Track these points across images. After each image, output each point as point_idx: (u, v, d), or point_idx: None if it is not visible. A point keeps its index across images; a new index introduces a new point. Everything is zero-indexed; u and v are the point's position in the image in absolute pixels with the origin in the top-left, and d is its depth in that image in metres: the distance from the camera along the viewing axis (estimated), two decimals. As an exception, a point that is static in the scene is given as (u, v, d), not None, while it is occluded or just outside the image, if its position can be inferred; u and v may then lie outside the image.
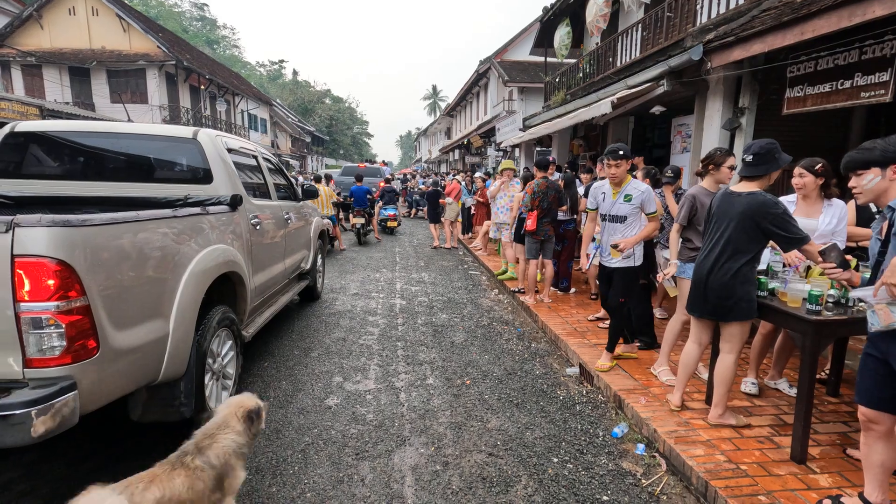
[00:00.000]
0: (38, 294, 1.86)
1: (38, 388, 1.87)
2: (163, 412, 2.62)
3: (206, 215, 3.01)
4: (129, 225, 2.29)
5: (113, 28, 20.92)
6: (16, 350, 1.89)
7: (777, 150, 2.70)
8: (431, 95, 68.84)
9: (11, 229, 1.82)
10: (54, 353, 1.92)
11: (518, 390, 3.74)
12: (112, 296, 2.14)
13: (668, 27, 7.80)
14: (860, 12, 3.66)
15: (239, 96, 29.11)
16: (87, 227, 2.03)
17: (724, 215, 2.81)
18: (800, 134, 5.72)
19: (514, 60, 21.10)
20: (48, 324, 1.89)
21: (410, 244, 11.45)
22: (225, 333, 3.15)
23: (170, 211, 2.67)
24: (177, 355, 2.55)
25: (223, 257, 3.06)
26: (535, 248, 5.76)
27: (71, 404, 1.92)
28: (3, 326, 1.87)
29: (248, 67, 62.88)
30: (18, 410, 1.78)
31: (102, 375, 2.09)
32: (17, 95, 15.86)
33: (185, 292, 2.63)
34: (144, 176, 3.63)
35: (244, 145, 4.27)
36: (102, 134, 3.75)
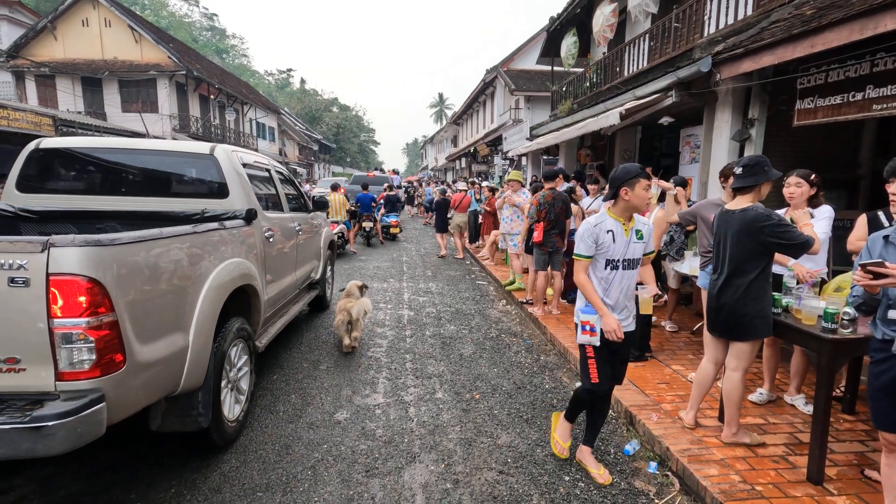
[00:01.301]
0: (70, 310, 1.95)
1: (68, 401, 1.95)
2: (181, 422, 2.68)
3: (223, 230, 3.08)
4: (154, 242, 2.36)
5: (125, 39, 21.27)
6: (48, 364, 1.97)
7: (766, 163, 2.74)
8: (438, 103, 69.18)
9: (47, 249, 1.92)
10: (84, 367, 2.00)
11: (528, 405, 3.72)
12: (137, 310, 2.21)
13: (675, 37, 7.80)
14: (872, 25, 3.64)
15: (248, 105, 29.41)
16: (116, 245, 2.12)
17: (724, 234, 2.83)
18: (810, 145, 5.68)
19: (521, 69, 21.18)
20: (79, 339, 1.97)
21: (418, 253, 11.46)
22: (240, 345, 3.21)
23: (190, 227, 2.73)
24: (196, 367, 2.62)
25: (239, 271, 3.13)
26: (544, 260, 5.75)
27: (99, 416, 2.01)
28: (37, 341, 1.96)
29: (257, 76, 63.54)
30: (51, 422, 1.86)
31: (128, 388, 2.17)
32: (30, 106, 16.12)
33: (204, 305, 2.70)
34: (163, 190, 3.74)
35: (258, 159, 4.37)
36: (122, 150, 3.89)
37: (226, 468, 2.81)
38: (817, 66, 4.63)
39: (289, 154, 37.57)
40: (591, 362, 2.70)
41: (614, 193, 2.62)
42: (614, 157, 10.27)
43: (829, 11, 4.16)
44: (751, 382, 3.75)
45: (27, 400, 1.98)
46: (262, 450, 3.01)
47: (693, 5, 7.42)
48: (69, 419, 1.89)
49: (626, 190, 2.57)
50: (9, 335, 1.95)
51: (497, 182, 17.40)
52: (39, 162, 3.69)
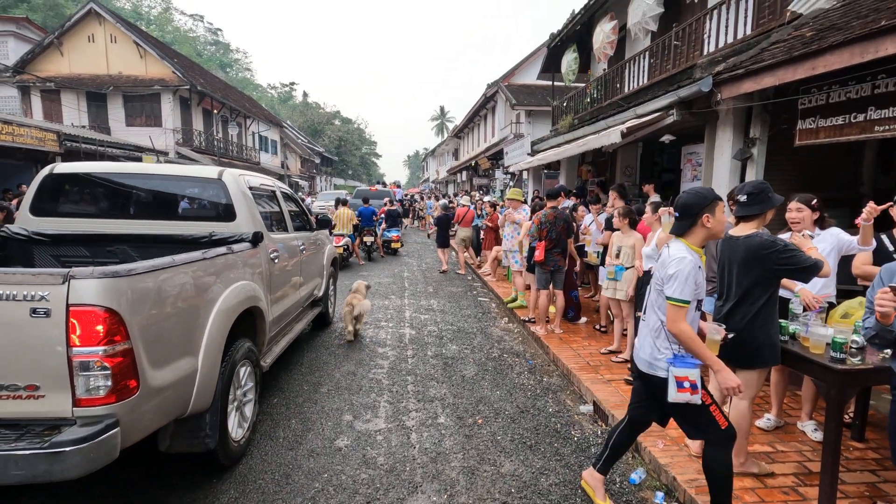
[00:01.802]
0: (88, 339, 2.02)
1: (85, 426, 2.02)
2: (189, 443, 2.71)
3: (231, 254, 3.15)
4: (167, 270, 2.44)
5: (130, 54, 21.50)
6: (66, 390, 2.04)
7: (769, 189, 2.72)
8: (439, 116, 69.68)
9: (68, 281, 2.01)
10: (100, 394, 2.06)
11: (531, 430, 3.66)
12: (150, 337, 2.28)
13: (675, 55, 7.86)
14: (872, 49, 3.66)
15: (250, 118, 29.64)
16: (133, 276, 2.20)
17: (729, 261, 2.80)
18: (812, 165, 5.67)
19: (522, 84, 21.35)
20: (96, 366, 2.04)
21: (419, 268, 11.43)
22: (246, 366, 3.26)
23: (200, 253, 2.79)
24: (204, 390, 2.67)
25: (246, 293, 3.20)
26: (546, 278, 5.73)
27: (114, 441, 2.07)
28: (55, 369, 2.03)
29: (260, 90, 64.14)
30: (68, 448, 1.92)
31: (141, 412, 2.23)
32: (35, 121, 16.25)
33: (213, 329, 2.76)
34: (172, 214, 3.87)
35: (264, 182, 4.47)
36: (133, 175, 4.03)
37: (224, 499, 2.76)
38: (818, 86, 4.65)
39: (291, 167, 37.76)
40: (713, 409, 2.36)
41: (692, 223, 2.38)
42: (615, 172, 10.29)
43: (829, 34, 4.18)
44: (757, 407, 3.69)
45: (45, 425, 2.05)
46: (261, 479, 2.96)
47: (693, 24, 7.49)
48: (85, 444, 1.95)
49: (708, 217, 2.35)
50: (29, 363, 2.03)
51: (498, 196, 17.43)
52: (53, 186, 3.79)
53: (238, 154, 27.24)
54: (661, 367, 2.39)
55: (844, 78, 4.33)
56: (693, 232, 2.40)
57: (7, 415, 2.06)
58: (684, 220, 2.40)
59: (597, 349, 5.22)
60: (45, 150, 13.40)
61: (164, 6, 56.86)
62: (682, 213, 2.41)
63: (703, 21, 7.28)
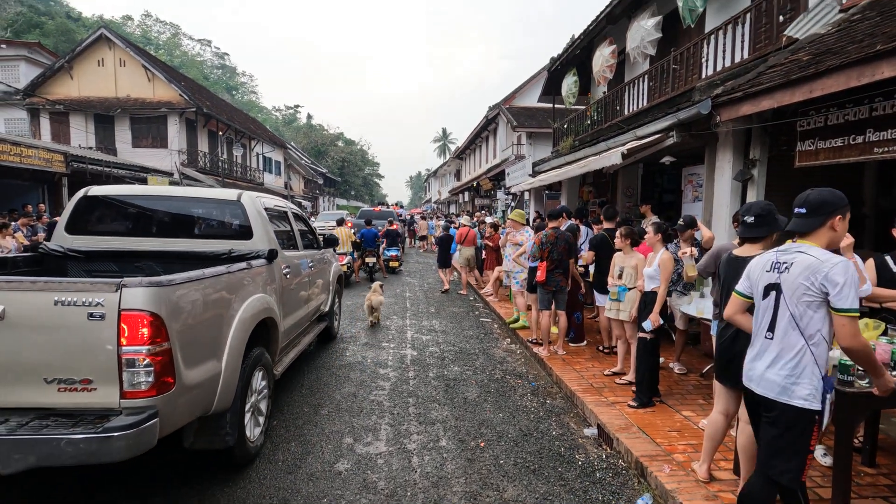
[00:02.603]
0: (135, 339, 2.32)
1: (130, 416, 2.31)
2: (210, 440, 2.96)
3: (250, 269, 3.46)
4: (199, 281, 2.76)
5: (138, 78, 21.94)
6: (115, 384, 2.33)
7: (776, 211, 2.70)
8: (441, 138, 70.52)
9: (120, 289, 2.33)
10: (143, 387, 2.36)
11: (534, 454, 3.60)
12: (185, 340, 2.57)
13: (674, 78, 7.98)
14: (869, 73, 3.70)
15: (255, 140, 30.02)
16: (172, 285, 2.50)
17: (732, 281, 2.73)
18: (813, 185, 5.67)
19: (523, 106, 21.65)
20: (140, 363, 2.33)
21: (421, 289, 11.41)
22: (261, 372, 3.52)
23: (224, 268, 3.12)
24: (226, 390, 2.93)
25: (262, 305, 3.49)
26: (547, 299, 5.70)
27: (154, 430, 2.34)
28: (107, 365, 2.32)
29: (265, 112, 65.15)
30: (116, 433, 2.21)
31: (176, 406, 2.50)
32: (42, 143, 16.49)
33: (235, 336, 3.06)
34: (194, 232, 4.19)
35: (277, 203, 4.86)
36: (158, 197, 4.42)
37: (221, 525, 2.70)
38: (816, 109, 4.69)
39: (294, 187, 38.06)
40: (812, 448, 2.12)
41: (821, 223, 2.11)
42: (616, 193, 10.34)
43: (825, 58, 4.24)
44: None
45: (96, 415, 2.33)
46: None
47: (690, 48, 7.62)
48: (131, 431, 2.24)
49: (839, 220, 2.10)
50: (85, 360, 2.33)
51: (500, 217, 17.50)
52: (86, 207, 4.11)
53: (242, 175, 27.51)
54: (799, 395, 2.07)
55: (842, 101, 4.37)
56: (819, 234, 2.12)
57: (64, 405, 2.35)
58: (813, 218, 2.13)
59: (600, 371, 5.16)
60: (51, 170, 13.57)
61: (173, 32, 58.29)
62: (812, 210, 2.14)
63: (700, 45, 7.42)
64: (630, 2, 9.25)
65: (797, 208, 2.22)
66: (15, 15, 36.14)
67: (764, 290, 2.22)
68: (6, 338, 2.31)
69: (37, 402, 2.35)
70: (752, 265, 2.34)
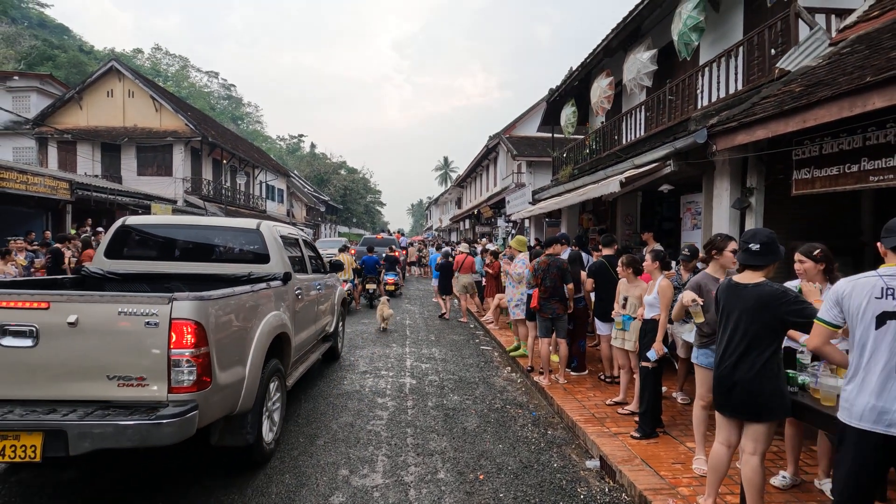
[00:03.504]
0: (181, 344, 2.75)
1: (175, 408, 2.71)
2: (233, 438, 3.34)
3: (269, 289, 3.89)
4: (232, 297, 3.23)
5: (146, 108, 22.43)
6: (164, 381, 2.75)
7: (777, 239, 2.70)
8: (443, 166, 71.41)
9: (171, 302, 2.77)
10: (186, 384, 2.76)
11: (535, 487, 3.50)
12: (220, 346, 2.99)
13: (670, 109, 8.13)
14: (860, 103, 3.77)
15: (259, 168, 30.42)
16: (212, 299, 2.95)
17: (733, 308, 2.71)
18: (811, 214, 5.72)
19: (523, 136, 22.00)
20: (185, 363, 2.75)
21: (421, 316, 11.34)
22: (276, 381, 3.90)
23: (250, 287, 3.58)
24: (249, 393, 3.32)
25: (278, 321, 3.93)
26: (546, 327, 5.64)
27: (194, 420, 2.75)
28: (158, 365, 2.73)
29: (269, 141, 66.23)
30: (165, 421, 2.62)
31: (211, 402, 2.91)
32: (49, 171, 16.72)
33: (256, 346, 3.48)
34: (218, 257, 4.66)
35: (291, 231, 5.38)
36: (186, 226, 4.96)
37: (210, 561, 2.61)
38: (811, 138, 4.76)
39: (296, 215, 38.34)
40: None
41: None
42: (616, 221, 10.39)
43: (817, 89, 4.33)
44: (772, 464, 3.54)
45: (147, 406, 2.72)
46: (250, 539, 2.81)
47: (686, 80, 7.80)
48: (177, 420, 2.64)
49: None
50: (141, 361, 2.75)
51: (501, 244, 17.54)
52: (122, 235, 4.58)
53: (245, 202, 27.77)
54: None
55: (836, 130, 4.44)
56: None
57: (122, 398, 2.75)
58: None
59: (602, 400, 5.07)
60: (56, 198, 13.72)
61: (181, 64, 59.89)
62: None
63: (695, 77, 7.59)
64: (626, 35, 9.52)
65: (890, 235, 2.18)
66: (29, 48, 37.22)
67: (877, 319, 2.07)
68: (78, 341, 2.75)
69: (99, 396, 2.77)
70: (848, 291, 2.16)
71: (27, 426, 2.58)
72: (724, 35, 7.75)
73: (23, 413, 2.65)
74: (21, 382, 2.76)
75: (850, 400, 2.14)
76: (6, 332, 2.73)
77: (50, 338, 2.74)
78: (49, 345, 2.73)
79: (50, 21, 45.95)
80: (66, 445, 2.55)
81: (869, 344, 2.10)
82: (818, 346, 2.30)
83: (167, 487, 3.35)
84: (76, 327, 2.72)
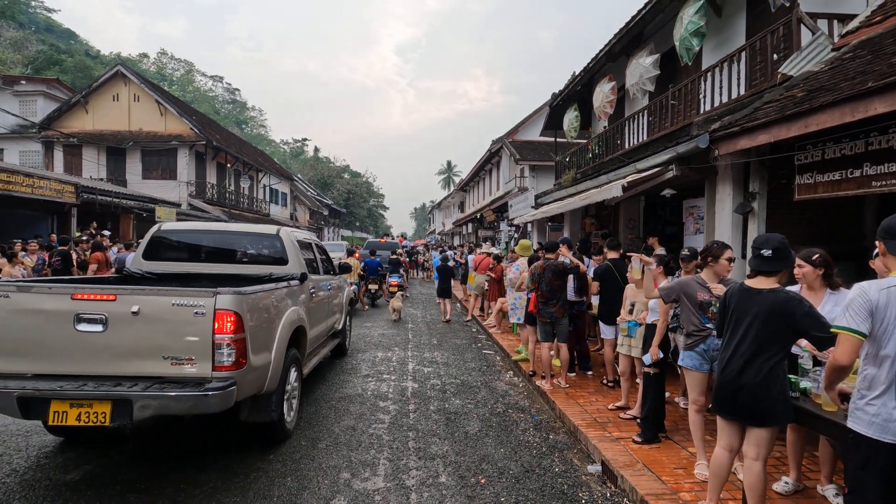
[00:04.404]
0: (223, 330, 3.27)
1: (218, 383, 3.24)
2: (260, 415, 3.87)
3: (289, 287, 4.45)
4: (262, 293, 3.83)
5: (151, 112, 22.58)
6: (209, 360, 3.27)
7: (788, 245, 2.69)
8: (446, 170, 71.48)
9: (215, 296, 3.30)
10: (226, 364, 3.29)
11: (537, 491, 3.49)
12: (253, 333, 3.52)
13: (673, 113, 8.14)
14: (862, 108, 3.77)
15: (262, 172, 30.54)
16: (247, 294, 3.52)
17: (744, 312, 2.69)
18: (814, 218, 5.71)
19: (525, 140, 22.03)
20: (226, 346, 3.28)
21: (423, 320, 11.35)
22: (294, 370, 4.42)
23: (274, 285, 4.15)
24: (274, 376, 3.86)
25: (297, 315, 4.48)
26: (546, 331, 5.64)
27: (233, 394, 3.27)
28: (205, 347, 3.26)
29: (273, 145, 66.50)
30: (211, 393, 3.16)
31: (245, 380, 3.44)
32: (54, 174, 16.82)
33: (280, 336, 4.02)
34: (242, 259, 5.18)
35: (306, 237, 6.05)
36: (213, 232, 5.49)
37: (212, 564, 2.62)
38: (813, 143, 4.76)
39: (300, 218, 38.45)
40: None
41: None
42: (619, 225, 10.38)
43: (819, 94, 4.34)
44: (774, 469, 3.53)
45: (194, 382, 3.26)
46: (252, 542, 2.82)
47: (688, 85, 7.81)
48: (220, 392, 3.18)
49: None
50: (190, 344, 3.27)
51: (504, 248, 17.54)
52: (158, 240, 5.11)
53: (248, 206, 27.87)
54: None
55: (838, 135, 4.43)
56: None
57: (174, 375, 3.27)
58: None
59: (604, 405, 5.06)
60: (62, 201, 13.82)
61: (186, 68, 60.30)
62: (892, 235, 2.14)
63: (698, 82, 7.60)
64: (629, 40, 9.55)
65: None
66: (36, 53, 37.56)
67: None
68: (140, 328, 3.26)
69: (156, 373, 3.28)
70: (883, 302, 2.07)
71: (99, 396, 3.12)
72: (726, 40, 7.77)
73: (95, 386, 3.18)
74: (92, 361, 3.27)
75: (883, 414, 2.04)
76: (81, 320, 3.25)
77: (116, 324, 3.25)
78: (116, 330, 3.26)
79: (57, 26, 46.39)
80: (131, 413, 3.10)
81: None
82: (853, 359, 2.15)
83: (168, 491, 3.36)
84: (138, 316, 3.25)
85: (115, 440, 4.21)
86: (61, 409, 3.13)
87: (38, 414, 3.17)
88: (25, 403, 3.12)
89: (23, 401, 3.11)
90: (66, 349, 3.27)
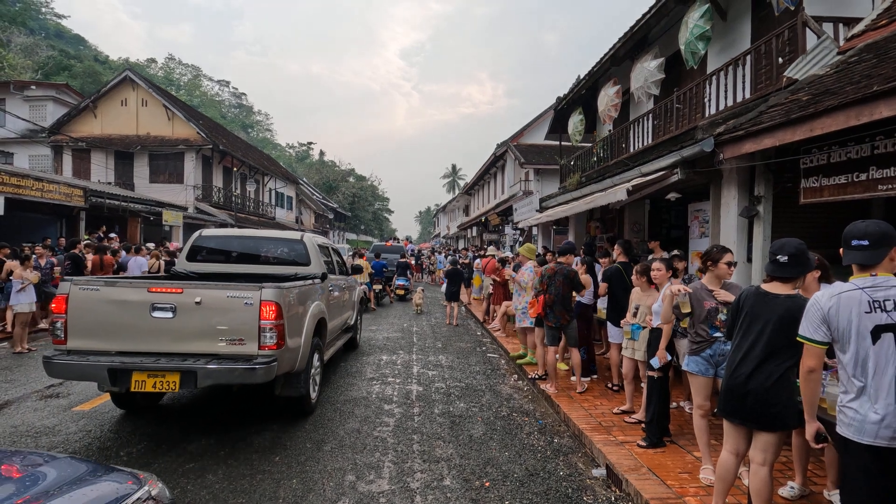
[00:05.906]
0: (267, 317, 3.98)
1: (263, 359, 3.97)
2: (291, 390, 4.60)
3: (313, 284, 5.17)
4: (296, 288, 4.54)
5: (159, 116, 22.81)
6: (255, 341, 3.98)
7: (807, 250, 2.66)
8: (451, 174, 71.52)
9: (261, 289, 4.02)
10: (269, 344, 3.99)
11: (541, 495, 3.49)
12: (289, 320, 4.21)
13: (678, 117, 8.13)
14: (867, 112, 3.77)
15: (268, 176, 30.73)
16: (285, 288, 4.23)
17: (758, 317, 2.67)
18: (820, 222, 5.68)
19: (530, 144, 22.04)
20: (269, 330, 3.99)
21: (428, 323, 11.36)
22: (317, 353, 5.13)
23: (302, 282, 4.88)
24: (303, 358, 4.60)
25: (320, 308, 5.23)
26: (552, 335, 5.64)
27: (274, 369, 3.99)
28: (252, 330, 3.96)
29: (279, 149, 66.86)
30: (258, 367, 3.90)
31: (283, 359, 4.14)
32: (63, 178, 17.02)
33: (308, 324, 4.75)
34: (270, 260, 5.95)
35: (325, 241, 6.90)
36: (247, 237, 6.31)
37: (218, 564, 2.64)
38: (818, 147, 4.74)
39: (305, 222, 38.60)
40: None
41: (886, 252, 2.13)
42: (623, 229, 10.37)
43: (824, 98, 4.33)
44: (780, 474, 3.51)
45: (244, 358, 3.97)
46: (257, 543, 2.84)
47: (693, 88, 7.81)
48: (265, 366, 3.91)
49: None
50: (241, 327, 3.97)
51: (508, 251, 17.53)
52: (199, 243, 5.89)
53: (254, 209, 28.03)
54: None
55: (843, 139, 4.43)
56: (883, 265, 2.15)
57: (227, 352, 3.97)
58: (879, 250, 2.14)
59: (609, 409, 5.05)
60: (71, 204, 13.97)
61: (194, 73, 60.84)
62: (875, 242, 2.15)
63: (702, 86, 7.60)
64: (634, 44, 9.56)
65: (856, 240, 2.20)
66: (46, 58, 38.03)
67: (871, 334, 2.06)
68: (202, 315, 3.96)
69: (213, 350, 3.99)
70: (834, 308, 2.14)
71: (171, 368, 3.86)
72: (731, 44, 7.76)
73: (167, 361, 3.91)
74: (165, 341, 3.99)
75: (857, 418, 2.08)
76: (156, 308, 3.97)
77: (183, 312, 3.96)
78: (182, 316, 3.97)
79: (66, 32, 47.00)
80: (196, 381, 3.83)
81: (871, 359, 2.07)
82: (816, 367, 2.24)
83: (173, 493, 3.39)
84: (200, 305, 3.96)
85: (125, 440, 4.25)
86: (141, 378, 3.87)
87: (122, 382, 3.87)
88: (114, 374, 3.86)
89: (112, 371, 3.85)
90: (143, 331, 3.98)
